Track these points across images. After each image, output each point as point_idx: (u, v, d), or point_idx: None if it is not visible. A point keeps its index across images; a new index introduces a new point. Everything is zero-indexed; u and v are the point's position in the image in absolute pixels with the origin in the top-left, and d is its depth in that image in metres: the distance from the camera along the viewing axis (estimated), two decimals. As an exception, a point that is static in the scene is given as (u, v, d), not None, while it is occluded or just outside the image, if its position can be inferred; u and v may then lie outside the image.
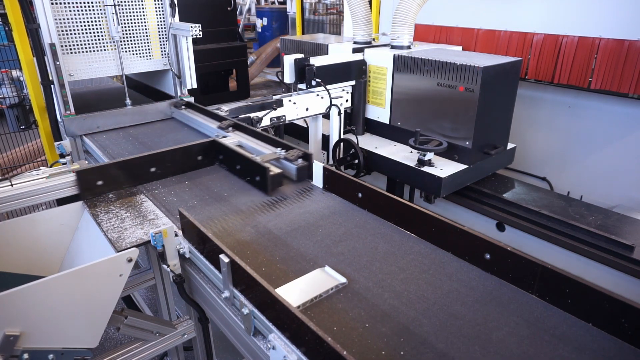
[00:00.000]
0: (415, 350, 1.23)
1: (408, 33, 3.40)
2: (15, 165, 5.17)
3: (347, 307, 1.39)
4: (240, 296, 1.41)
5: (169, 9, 3.11)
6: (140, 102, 3.30)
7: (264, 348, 1.32)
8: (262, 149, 2.35)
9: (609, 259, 2.45)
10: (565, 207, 2.81)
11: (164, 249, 1.68)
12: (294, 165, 2.14)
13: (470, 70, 2.78)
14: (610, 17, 3.10)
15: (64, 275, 1.37)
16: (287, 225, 1.84)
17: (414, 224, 1.75)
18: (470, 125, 2.88)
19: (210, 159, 2.41)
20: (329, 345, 1.06)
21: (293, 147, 2.23)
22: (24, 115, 7.09)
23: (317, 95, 3.33)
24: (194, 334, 1.91)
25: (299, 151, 2.19)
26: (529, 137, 3.85)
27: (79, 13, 2.84)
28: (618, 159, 3.39)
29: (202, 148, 2.36)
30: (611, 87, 3.16)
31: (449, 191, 2.97)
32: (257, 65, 7.86)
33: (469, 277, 1.51)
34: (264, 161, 2.12)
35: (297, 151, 2.19)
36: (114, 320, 1.60)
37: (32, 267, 1.93)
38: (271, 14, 10.18)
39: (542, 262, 1.37)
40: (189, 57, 3.11)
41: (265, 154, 2.25)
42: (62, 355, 1.42)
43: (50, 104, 3.30)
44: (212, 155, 2.40)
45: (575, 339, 1.26)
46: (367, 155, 3.32)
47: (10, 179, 1.92)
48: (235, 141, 2.47)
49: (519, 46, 3.59)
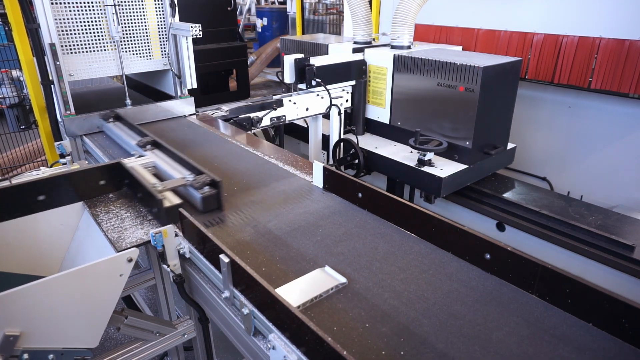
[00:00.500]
0: (415, 350, 1.23)
1: (408, 33, 3.40)
2: (15, 165, 5.17)
3: (347, 307, 1.39)
4: (240, 296, 1.41)
5: (169, 9, 3.11)
6: (141, 102, 3.30)
7: (264, 348, 1.32)
8: (176, 172, 2.09)
9: (609, 259, 2.45)
10: (565, 207, 2.81)
11: (164, 249, 1.68)
12: (199, 194, 1.90)
13: (470, 70, 2.78)
14: (611, 17, 3.10)
15: (64, 275, 1.37)
16: (287, 225, 1.84)
17: (414, 224, 1.75)
18: (470, 125, 2.88)
19: (116, 183, 2.09)
20: (329, 345, 1.06)
21: (203, 172, 1.97)
22: (24, 115, 7.09)
23: (317, 95, 3.34)
24: (194, 334, 1.91)
25: (207, 177, 1.94)
26: (529, 137, 3.85)
27: (79, 13, 2.83)
28: (618, 159, 3.39)
29: (106, 171, 2.06)
30: (611, 87, 3.16)
31: (449, 191, 2.97)
32: (257, 65, 7.86)
33: (469, 277, 1.51)
34: (166, 188, 1.91)
35: (205, 177, 1.94)
36: (114, 320, 1.60)
37: (32, 267, 1.93)
38: (271, 14, 10.17)
39: (542, 262, 1.37)
40: (189, 57, 3.10)
41: (172, 180, 2.02)
42: (62, 355, 1.42)
43: (50, 104, 3.30)
44: (117, 179, 2.09)
45: (575, 339, 1.26)
46: (367, 155, 3.32)
47: (10, 179, 1.92)
48: (149, 162, 2.22)
49: (519, 46, 3.60)
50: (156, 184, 1.93)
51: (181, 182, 1.98)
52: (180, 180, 1.99)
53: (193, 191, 1.93)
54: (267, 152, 2.59)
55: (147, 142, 2.40)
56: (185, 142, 2.74)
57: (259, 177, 2.28)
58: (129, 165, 2.08)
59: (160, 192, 1.87)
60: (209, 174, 1.96)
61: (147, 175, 2.05)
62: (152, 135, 2.45)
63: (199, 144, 2.72)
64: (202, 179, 1.94)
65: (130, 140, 2.51)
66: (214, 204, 1.93)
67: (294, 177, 2.29)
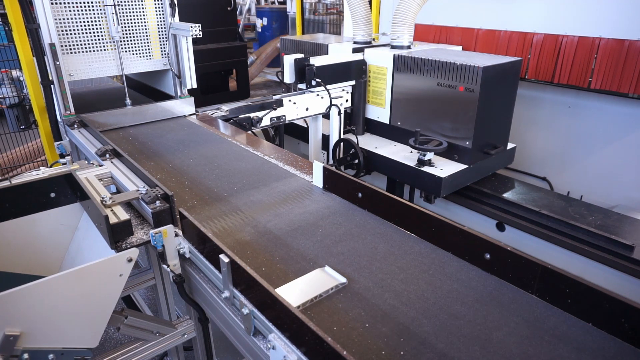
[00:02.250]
0: (415, 350, 1.23)
1: (408, 33, 3.40)
2: (15, 165, 5.17)
3: (347, 307, 1.39)
4: (240, 296, 1.41)
5: (169, 9, 3.11)
6: (140, 102, 3.30)
7: (264, 348, 1.32)
8: (132, 185, 1.97)
9: (609, 259, 2.45)
10: (565, 207, 2.81)
11: (164, 249, 1.68)
12: (149, 209, 1.75)
13: (470, 70, 2.78)
14: (610, 17, 3.10)
15: (64, 275, 1.37)
16: (287, 225, 1.84)
17: (414, 224, 1.75)
18: (470, 125, 2.88)
19: (68, 196, 1.96)
20: (329, 345, 1.06)
21: (156, 184, 1.84)
22: (24, 115, 7.09)
23: (317, 95, 3.34)
24: (194, 334, 1.91)
25: (159, 190, 1.80)
26: (529, 137, 3.85)
27: (79, 13, 2.84)
28: (618, 159, 3.39)
29: (57, 183, 1.91)
30: (611, 87, 3.16)
31: (449, 191, 2.97)
32: (257, 65, 7.86)
33: (469, 277, 1.51)
34: (116, 203, 1.79)
35: (157, 190, 1.80)
36: (114, 320, 1.60)
37: (32, 267, 1.93)
38: (271, 14, 10.18)
39: (542, 262, 1.37)
40: (189, 57, 3.11)
41: (125, 192, 1.91)
42: (62, 355, 1.42)
43: (50, 104, 3.30)
44: (69, 191, 1.95)
45: (575, 339, 1.26)
46: (367, 155, 3.32)
47: (10, 178, 1.92)
48: (106, 173, 2.11)
49: (519, 46, 3.60)
50: (105, 197, 1.81)
51: (134, 195, 1.84)
52: (133, 193, 1.86)
53: (145, 205, 1.80)
54: (267, 152, 2.59)
55: (106, 150, 2.28)
56: (185, 142, 2.75)
57: (259, 177, 2.28)
58: (82, 176, 1.95)
59: (108, 206, 1.76)
60: (161, 187, 1.81)
61: (99, 187, 1.93)
62: (111, 144, 2.34)
63: (198, 144, 2.72)
64: (155, 192, 1.80)
65: (91, 148, 2.41)
66: (167, 219, 1.76)
67: (294, 177, 2.29)
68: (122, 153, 2.23)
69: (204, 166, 2.41)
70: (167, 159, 2.50)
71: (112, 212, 1.74)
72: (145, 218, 1.84)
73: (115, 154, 2.30)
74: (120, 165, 2.22)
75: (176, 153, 2.58)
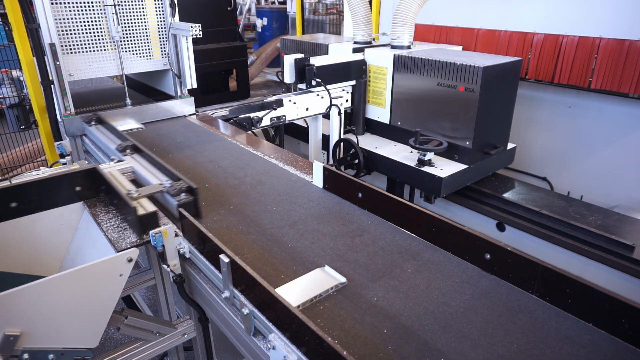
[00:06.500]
0: (415, 350, 1.23)
1: (408, 33, 3.40)
2: (15, 165, 5.17)
3: (347, 306, 1.39)
4: (240, 296, 1.41)
5: (169, 9, 3.11)
6: (141, 102, 3.30)
7: (264, 348, 1.32)
8: (154, 178, 2.03)
9: (609, 259, 2.46)
10: (565, 207, 2.81)
11: (164, 249, 1.68)
12: (175, 201, 1.82)
13: (471, 70, 2.78)
14: (610, 17, 3.10)
15: (64, 275, 1.36)
16: (287, 225, 1.84)
17: (414, 224, 1.75)
18: (471, 125, 2.88)
19: (94, 190, 2.01)
20: (329, 345, 1.06)
21: (180, 178, 1.90)
22: (24, 115, 7.09)
23: (317, 95, 3.34)
24: (194, 334, 1.91)
25: (184, 184, 1.87)
26: (529, 137, 3.85)
27: (79, 13, 2.83)
28: (618, 159, 3.39)
29: (82, 177, 1.96)
30: (611, 87, 3.16)
31: (449, 191, 2.97)
32: (257, 65, 7.86)
33: (469, 277, 1.51)
34: (141, 195, 1.84)
35: (182, 184, 1.87)
36: (114, 320, 1.60)
37: (32, 267, 1.93)
38: (271, 14, 10.18)
39: (542, 262, 1.37)
40: (189, 57, 3.10)
41: (149, 186, 1.95)
42: (62, 355, 1.42)
43: (50, 104, 3.30)
44: (94, 185, 2.01)
45: (575, 338, 1.26)
46: (367, 155, 3.32)
47: (10, 178, 1.92)
48: (128, 167, 2.15)
49: (519, 46, 3.60)
50: (131, 190, 1.86)
51: (158, 188, 1.90)
52: (157, 186, 1.91)
53: (169, 198, 1.86)
54: (267, 152, 2.59)
55: (127, 146, 2.33)
56: (185, 142, 2.75)
57: (259, 177, 2.28)
58: (106, 170, 2.02)
59: (135, 199, 1.80)
60: (185, 180, 1.88)
61: (123, 181, 1.99)
62: (131, 140, 2.38)
63: (199, 144, 2.72)
64: (179, 185, 1.86)
65: (111, 144, 2.45)
66: (191, 210, 1.81)
67: (294, 177, 2.29)
68: (143, 149, 2.26)
69: (204, 166, 2.41)
70: (167, 158, 2.50)
71: (139, 204, 1.80)
72: (168, 210, 1.89)
73: (136, 149, 2.34)
74: (142, 160, 2.26)
75: (175, 153, 2.59)
